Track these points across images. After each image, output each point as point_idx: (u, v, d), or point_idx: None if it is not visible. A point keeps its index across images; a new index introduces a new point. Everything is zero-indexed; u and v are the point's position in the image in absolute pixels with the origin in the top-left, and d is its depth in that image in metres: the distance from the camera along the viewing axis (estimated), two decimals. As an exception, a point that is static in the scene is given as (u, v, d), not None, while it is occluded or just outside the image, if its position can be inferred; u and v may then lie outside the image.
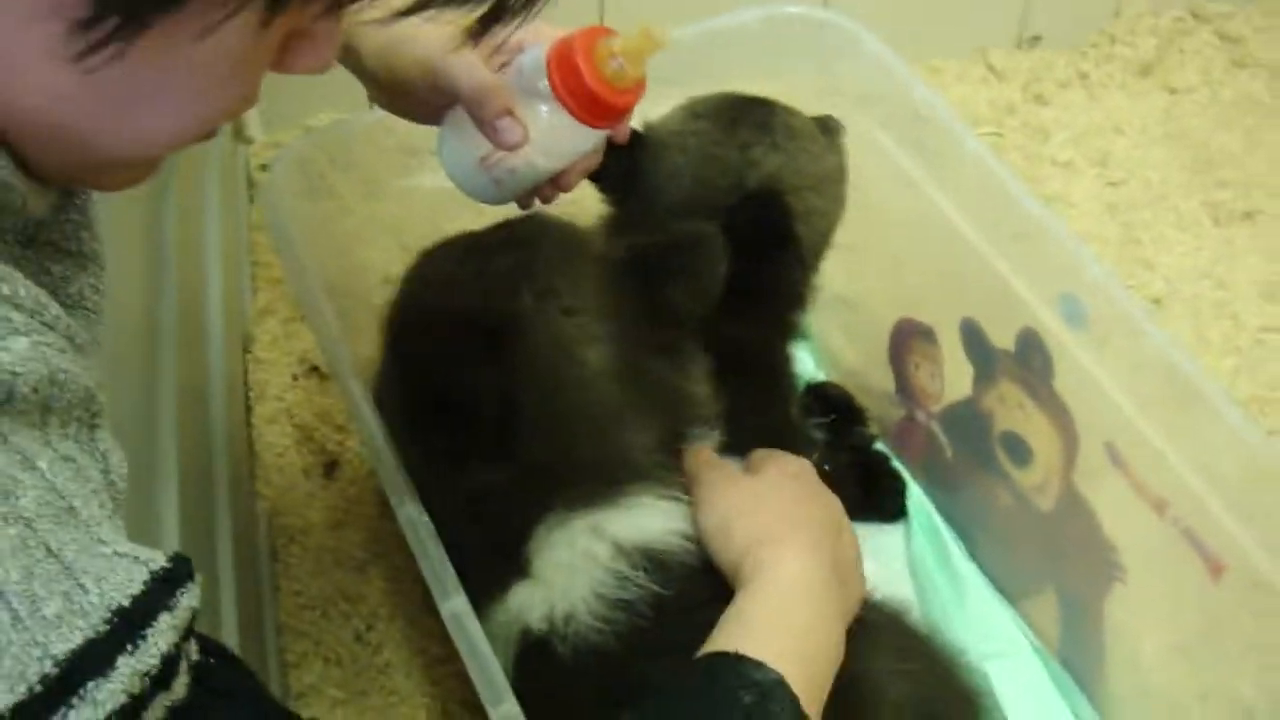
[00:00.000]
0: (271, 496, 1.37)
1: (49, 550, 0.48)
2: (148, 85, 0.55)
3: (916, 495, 1.41)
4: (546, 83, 0.95)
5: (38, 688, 0.46)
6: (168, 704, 0.51)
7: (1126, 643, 1.21)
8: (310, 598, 1.30)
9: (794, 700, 0.78)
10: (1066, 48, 1.99)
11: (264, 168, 1.75)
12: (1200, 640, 1.14)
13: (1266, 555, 1.02)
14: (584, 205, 1.24)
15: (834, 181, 1.24)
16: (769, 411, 1.20)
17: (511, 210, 1.10)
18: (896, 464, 1.42)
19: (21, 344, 0.50)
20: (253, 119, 1.76)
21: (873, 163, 1.33)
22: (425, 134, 1.11)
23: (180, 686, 0.52)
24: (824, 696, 0.84)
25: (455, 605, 0.93)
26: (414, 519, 0.98)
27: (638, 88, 0.97)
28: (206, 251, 1.38)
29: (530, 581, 0.94)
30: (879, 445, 1.44)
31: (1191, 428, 1.06)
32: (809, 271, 1.22)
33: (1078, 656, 1.26)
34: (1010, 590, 1.32)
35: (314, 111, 1.77)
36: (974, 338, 1.26)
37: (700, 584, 0.94)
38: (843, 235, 1.27)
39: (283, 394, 1.45)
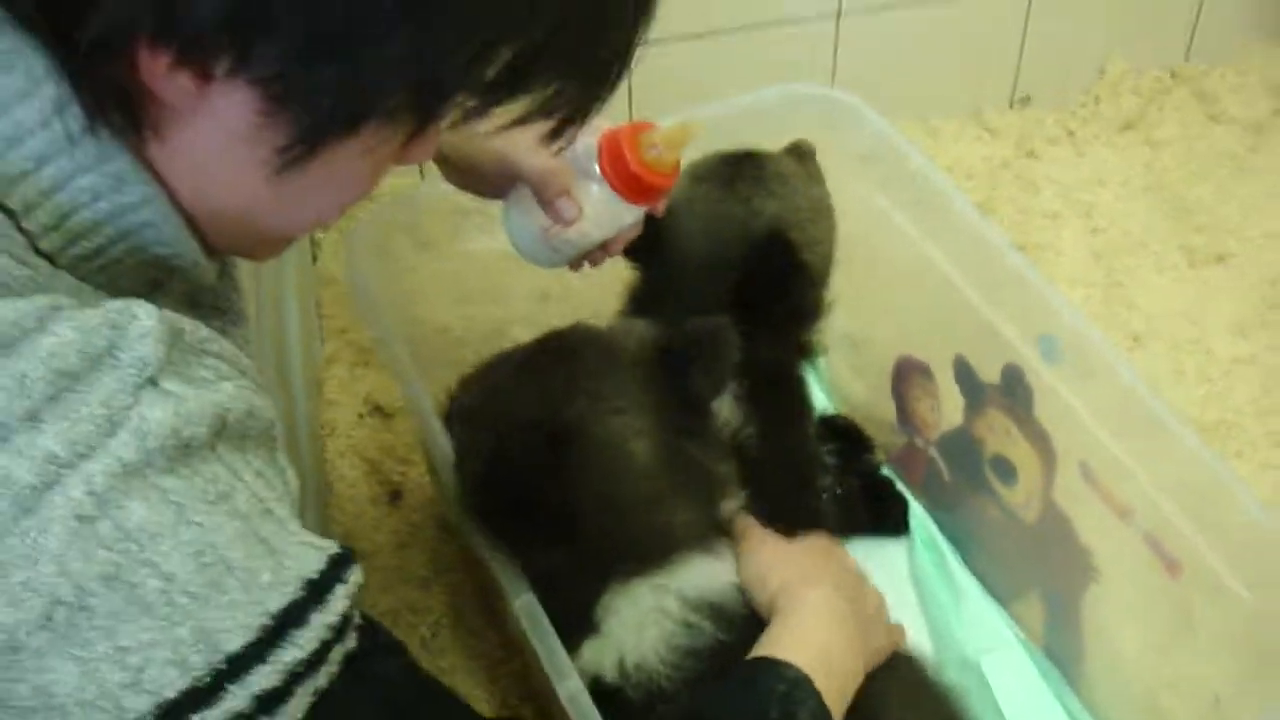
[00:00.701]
0: (344, 522, 1.52)
1: (259, 538, 0.64)
2: (316, 185, 0.72)
3: (918, 513, 1.53)
4: (597, 167, 1.12)
5: (260, 634, 0.62)
6: (344, 651, 0.66)
7: (1103, 637, 1.34)
8: (380, 611, 1.44)
9: (817, 693, 0.93)
10: (1055, 107, 2.13)
11: (324, 228, 1.92)
12: (1168, 635, 1.26)
13: (1216, 556, 1.15)
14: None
15: (825, 207, 1.36)
16: (795, 426, 1.33)
17: (554, 302, 1.24)
18: (900, 486, 1.55)
19: (228, 387, 0.66)
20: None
21: (875, 219, 1.47)
22: (473, 200, 1.26)
23: (352, 639, 0.67)
24: (841, 709, 0.97)
25: (570, 687, 1.00)
26: (531, 608, 1.05)
27: (674, 172, 1.14)
28: (286, 305, 1.54)
29: (601, 638, 1.05)
30: (884, 469, 1.57)
31: (1152, 448, 1.19)
32: (821, 289, 1.34)
33: (1061, 650, 1.39)
34: (1001, 593, 1.46)
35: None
36: (965, 373, 1.40)
37: (754, 630, 1.04)
38: (848, 283, 1.41)
39: (351, 431, 1.61)
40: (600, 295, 1.43)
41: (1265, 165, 2.05)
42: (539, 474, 1.02)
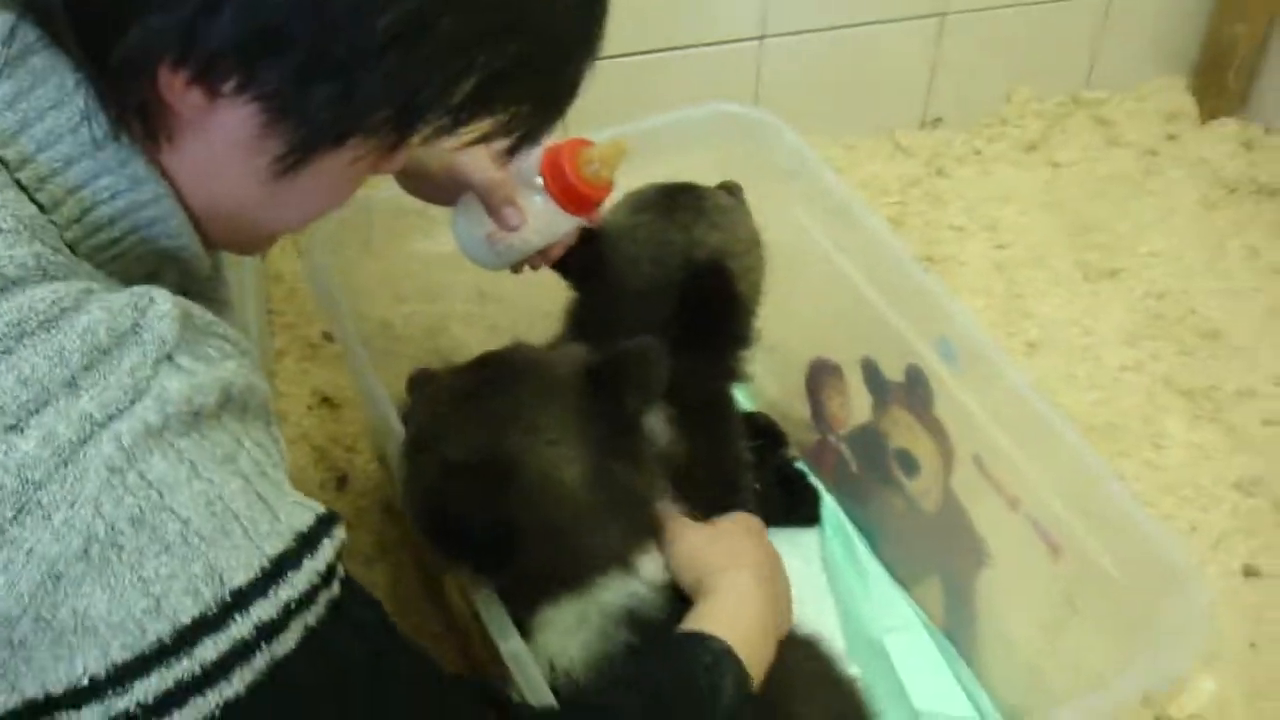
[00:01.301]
0: (292, 507, 1.62)
1: (259, 495, 0.73)
2: (306, 189, 0.82)
3: (829, 503, 1.64)
4: (540, 180, 1.23)
5: (260, 573, 0.71)
6: (330, 597, 0.75)
7: (995, 617, 1.45)
8: (326, 590, 1.54)
9: (740, 662, 1.00)
10: (964, 128, 2.26)
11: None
12: (1052, 615, 1.36)
13: (1092, 540, 1.26)
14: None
15: (756, 240, 1.43)
16: (728, 445, 1.40)
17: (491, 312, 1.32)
18: (812, 479, 1.66)
19: (231, 364, 0.76)
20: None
21: (792, 232, 1.57)
22: (414, 203, 1.34)
23: (337, 588, 0.76)
24: (758, 679, 1.04)
25: (513, 646, 1.08)
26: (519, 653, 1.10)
27: (609, 186, 1.24)
28: (245, 301, 1.62)
29: (534, 645, 1.10)
30: (798, 463, 1.68)
31: (1037, 442, 1.30)
32: (752, 317, 1.42)
33: (958, 629, 1.51)
34: (904, 577, 1.57)
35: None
36: (872, 373, 1.51)
37: (665, 632, 1.09)
38: (769, 288, 1.47)
39: (300, 420, 1.71)
40: (533, 296, 1.49)
41: (1158, 187, 2.19)
42: (479, 507, 1.07)
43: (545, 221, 1.25)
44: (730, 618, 1.07)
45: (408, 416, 1.20)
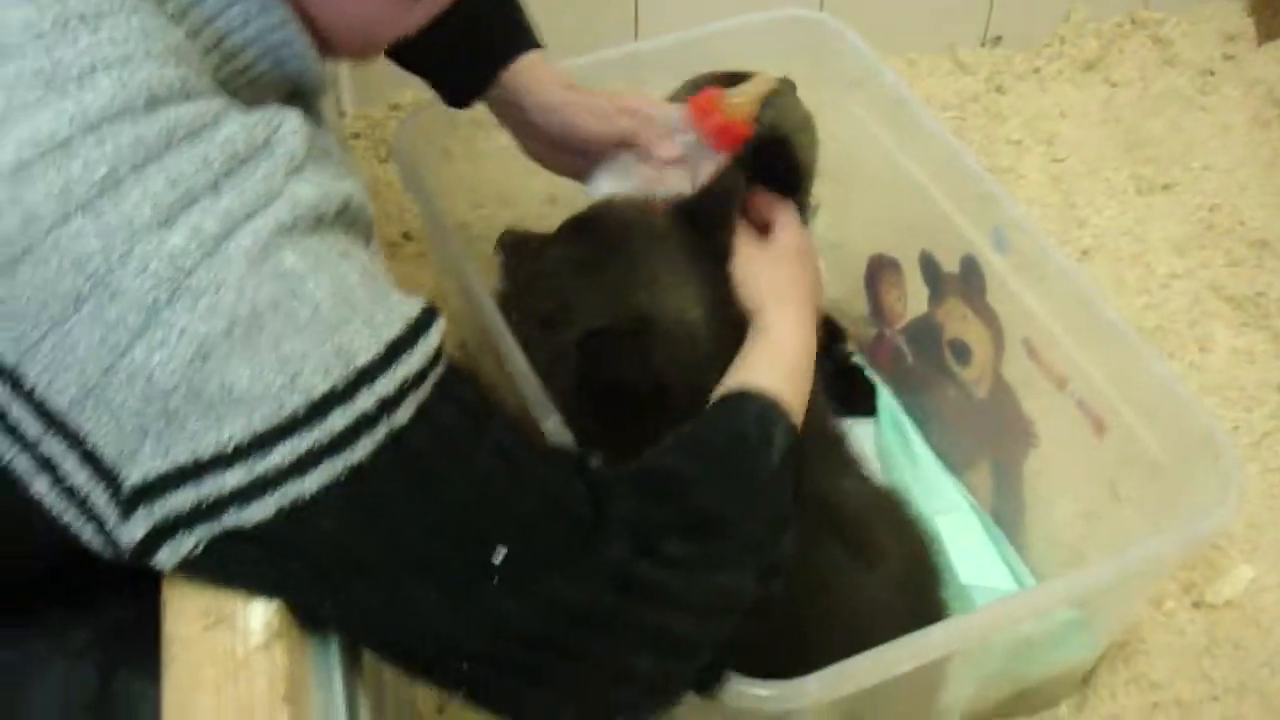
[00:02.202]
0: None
1: (373, 289, 0.81)
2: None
3: (885, 396, 1.72)
4: (687, 127, 1.30)
5: (378, 355, 0.79)
6: (436, 377, 0.83)
7: (1041, 501, 1.53)
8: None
9: (787, 414, 1.07)
10: (1023, 47, 2.29)
11: (356, 135, 2.10)
12: (1095, 503, 1.45)
13: (1134, 415, 1.35)
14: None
15: (809, 120, 1.45)
16: None
17: None
18: (869, 372, 1.74)
19: (349, 183, 0.84)
20: (345, 95, 2.11)
21: (855, 135, 1.63)
22: (486, 113, 1.42)
23: (442, 367, 0.84)
24: (802, 411, 1.12)
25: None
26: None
27: (752, 123, 1.31)
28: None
29: None
30: (856, 358, 1.76)
31: (1082, 322, 1.38)
32: (807, 195, 1.44)
33: (1005, 513, 1.59)
34: (955, 464, 1.65)
35: (398, 90, 2.11)
36: (929, 265, 1.58)
37: None
38: (831, 191, 1.56)
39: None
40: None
41: (1212, 105, 2.22)
42: (632, 366, 1.14)
43: (694, 163, 1.32)
44: (779, 360, 1.14)
45: (504, 277, 1.28)
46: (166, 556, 0.78)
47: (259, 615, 0.79)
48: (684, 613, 0.92)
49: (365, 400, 0.78)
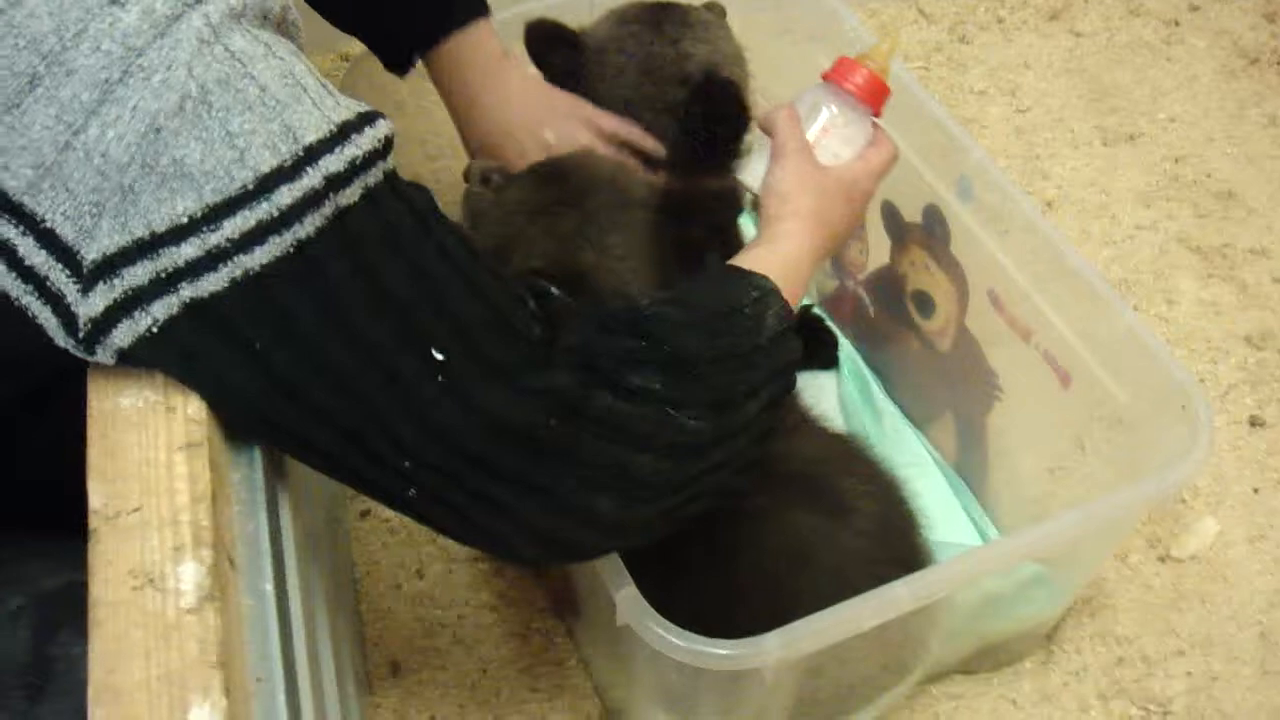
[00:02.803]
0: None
1: (320, 82, 0.82)
2: None
3: (846, 348, 1.69)
4: (828, 100, 1.27)
5: (328, 133, 0.80)
6: (385, 168, 0.84)
7: (1006, 455, 1.51)
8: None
9: (785, 301, 1.06)
10: None
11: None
12: (1064, 461, 1.42)
13: (1099, 367, 1.32)
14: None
15: (740, 54, 1.45)
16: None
17: None
18: (830, 324, 1.70)
19: None
20: (294, 44, 2.05)
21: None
22: None
23: (391, 161, 0.85)
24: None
25: None
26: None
27: (886, 81, 1.29)
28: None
29: None
30: (816, 310, 1.72)
31: (1047, 272, 1.35)
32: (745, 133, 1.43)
33: (970, 467, 1.57)
34: (918, 417, 1.63)
35: (349, 40, 2.04)
36: (891, 215, 1.55)
37: None
38: None
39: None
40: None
41: (1178, 55, 2.20)
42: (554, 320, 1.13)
43: (849, 130, 1.29)
44: (771, 263, 1.11)
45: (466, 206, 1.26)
46: (123, 334, 0.79)
47: (190, 576, 0.76)
48: (642, 450, 0.92)
49: (312, 177, 0.79)
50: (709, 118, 1.34)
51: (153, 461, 0.80)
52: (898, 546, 1.26)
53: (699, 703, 1.21)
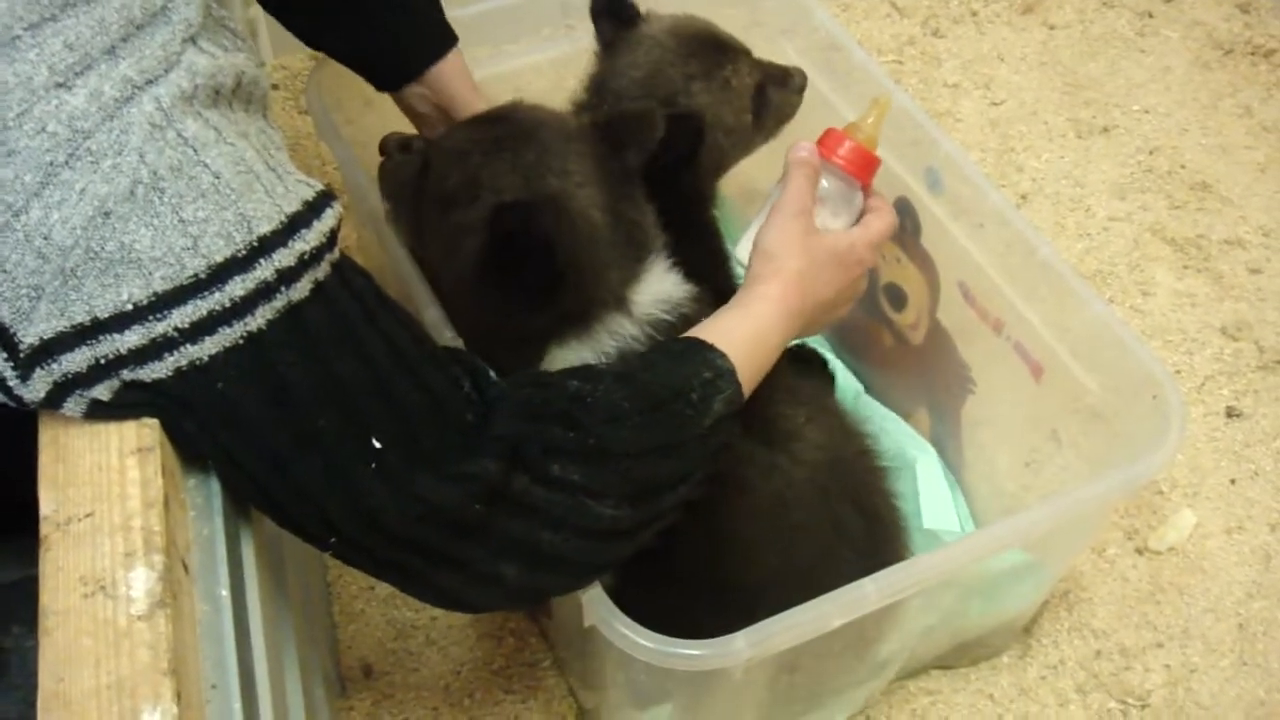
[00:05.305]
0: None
1: (271, 166, 0.81)
2: None
3: (817, 343, 1.66)
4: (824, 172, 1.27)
5: (279, 225, 0.79)
6: (332, 260, 0.83)
7: (982, 449, 1.50)
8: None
9: (738, 385, 1.05)
10: None
11: (275, 86, 2.03)
12: (1039, 453, 1.42)
13: (1071, 358, 1.31)
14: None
15: (743, 134, 1.40)
16: (711, 232, 1.41)
17: None
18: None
19: (242, 56, 0.83)
20: (264, 45, 2.04)
21: None
22: None
23: (338, 253, 0.85)
24: (754, 385, 1.09)
25: None
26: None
27: (874, 148, 1.29)
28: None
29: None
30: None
31: (1018, 264, 1.34)
32: (707, 180, 1.40)
33: (946, 462, 1.55)
34: (892, 411, 1.61)
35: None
36: (863, 209, 1.54)
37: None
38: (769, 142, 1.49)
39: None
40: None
41: (1151, 47, 2.19)
42: (537, 245, 1.11)
43: (840, 201, 1.29)
44: (744, 333, 1.10)
45: (386, 181, 1.25)
46: (72, 408, 0.80)
47: (141, 582, 0.75)
48: (556, 531, 0.94)
49: (264, 269, 0.79)
50: (673, 146, 1.31)
51: (104, 466, 0.79)
52: (849, 482, 1.25)
53: (670, 701, 1.20)
